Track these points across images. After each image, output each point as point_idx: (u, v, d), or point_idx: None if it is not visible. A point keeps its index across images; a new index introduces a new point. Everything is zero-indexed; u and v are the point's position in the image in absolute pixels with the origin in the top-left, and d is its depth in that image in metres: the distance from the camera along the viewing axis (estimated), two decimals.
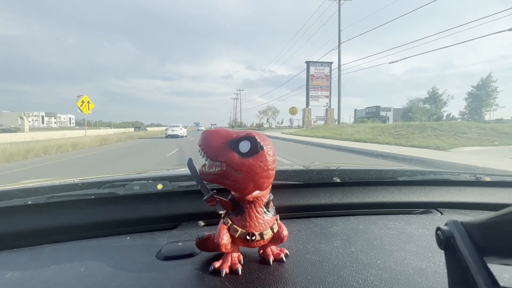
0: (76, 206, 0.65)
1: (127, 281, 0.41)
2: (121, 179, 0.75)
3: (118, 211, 0.66)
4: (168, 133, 23.13)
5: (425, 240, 0.55)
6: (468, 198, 0.82)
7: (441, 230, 0.28)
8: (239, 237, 0.44)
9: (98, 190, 0.66)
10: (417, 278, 0.41)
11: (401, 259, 0.47)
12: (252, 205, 0.44)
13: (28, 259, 0.50)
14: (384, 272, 0.43)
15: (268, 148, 0.41)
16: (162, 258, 0.47)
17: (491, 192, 0.84)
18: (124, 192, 0.67)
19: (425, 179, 0.87)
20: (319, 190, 0.78)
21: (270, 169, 0.41)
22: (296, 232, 0.59)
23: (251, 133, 0.41)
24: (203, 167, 0.43)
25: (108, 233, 0.61)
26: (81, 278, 0.42)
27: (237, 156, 0.40)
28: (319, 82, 35.00)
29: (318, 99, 35.12)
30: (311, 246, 0.52)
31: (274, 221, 0.46)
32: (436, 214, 0.74)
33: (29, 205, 0.60)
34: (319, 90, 35.04)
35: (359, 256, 0.48)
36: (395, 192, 0.81)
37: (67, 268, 0.45)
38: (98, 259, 0.48)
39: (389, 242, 0.54)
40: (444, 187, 0.84)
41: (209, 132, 0.43)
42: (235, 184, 0.41)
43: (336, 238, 0.56)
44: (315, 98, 35.01)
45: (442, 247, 0.28)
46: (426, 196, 0.80)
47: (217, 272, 0.42)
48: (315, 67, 34.97)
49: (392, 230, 0.60)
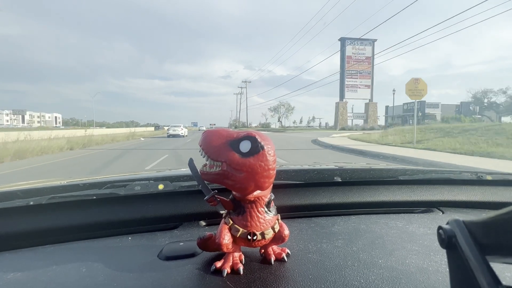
0: (78, 206, 0.65)
1: (128, 281, 0.41)
2: (123, 180, 0.75)
3: (120, 212, 0.66)
4: (169, 133, 24.52)
5: (426, 239, 0.55)
6: (470, 197, 0.81)
7: (443, 229, 0.28)
8: (240, 236, 0.44)
9: (99, 191, 0.66)
10: (418, 277, 0.41)
11: (402, 258, 0.47)
12: (253, 204, 0.44)
13: (30, 259, 0.50)
14: (386, 271, 0.43)
15: (269, 148, 0.41)
16: (164, 258, 0.48)
17: (493, 191, 0.83)
18: (126, 192, 0.67)
19: (427, 178, 0.87)
20: (320, 189, 0.78)
21: (270, 169, 0.41)
22: (297, 231, 0.59)
23: (252, 133, 0.41)
24: (204, 167, 0.43)
25: (109, 234, 0.61)
26: (82, 278, 0.42)
27: (237, 156, 0.40)
28: (358, 67, 24.37)
29: (356, 90, 25.17)
30: (312, 246, 0.52)
31: (275, 220, 0.46)
32: (438, 213, 0.74)
33: (31, 205, 0.60)
34: (358, 77, 24.89)
35: (361, 255, 0.48)
36: (397, 191, 0.81)
37: (69, 269, 0.45)
38: (99, 259, 0.48)
39: (390, 241, 0.54)
40: (446, 186, 0.84)
41: (210, 132, 0.43)
42: (236, 184, 0.41)
43: (337, 237, 0.56)
44: (353, 88, 24.73)
45: (444, 246, 0.28)
46: (428, 195, 0.80)
47: (218, 272, 0.42)
48: (352, 46, 23.82)
49: (393, 229, 0.60)
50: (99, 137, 17.11)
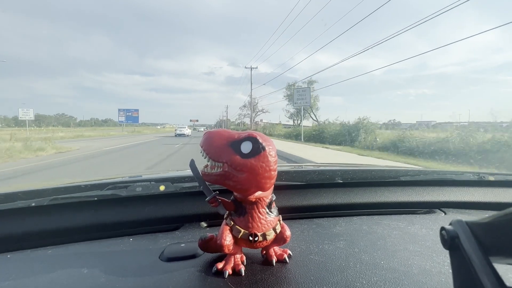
0: (79, 208, 0.65)
1: (130, 282, 0.41)
2: (124, 181, 0.75)
3: (121, 213, 0.66)
4: (177, 133, 31.48)
5: (429, 240, 0.54)
6: (472, 197, 0.81)
7: (445, 230, 0.28)
8: (241, 238, 0.44)
9: (101, 192, 0.67)
10: (421, 278, 0.41)
11: (405, 259, 0.47)
12: (255, 205, 0.44)
13: (31, 260, 0.50)
14: (388, 272, 0.42)
15: (270, 149, 0.41)
16: (165, 259, 0.47)
17: (495, 192, 0.83)
18: (127, 193, 0.67)
19: (428, 179, 0.87)
20: (322, 190, 0.78)
21: (272, 170, 0.41)
22: (299, 232, 0.59)
23: (253, 133, 0.41)
24: (205, 168, 0.43)
25: (111, 235, 0.61)
26: (84, 280, 0.42)
27: (239, 157, 0.40)
28: None
29: None
30: (314, 247, 0.52)
31: (276, 221, 0.46)
32: (440, 214, 0.73)
33: (33, 207, 0.60)
34: None
35: (363, 256, 0.48)
36: (398, 192, 0.80)
37: (70, 270, 0.45)
38: (101, 260, 0.48)
39: (392, 243, 0.53)
40: (448, 187, 0.84)
41: (211, 133, 0.43)
42: (237, 185, 0.41)
43: (339, 238, 0.56)
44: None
45: (446, 247, 0.28)
46: (430, 196, 0.80)
47: (220, 273, 0.42)
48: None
49: (395, 230, 0.60)
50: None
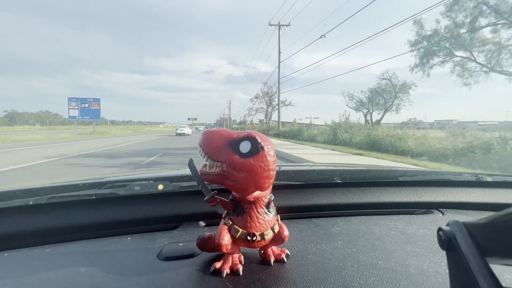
0: (77, 206, 0.65)
1: (127, 281, 0.41)
2: (122, 180, 0.75)
3: (119, 212, 0.66)
4: (178, 132, 32.04)
5: (426, 240, 0.55)
6: (470, 198, 0.81)
7: (442, 230, 0.28)
8: (240, 237, 0.44)
9: (99, 191, 0.66)
10: (418, 278, 0.41)
11: (402, 259, 0.47)
12: (253, 205, 0.44)
13: (29, 259, 0.50)
14: (386, 272, 0.42)
15: (269, 149, 0.41)
16: (163, 258, 0.47)
17: (493, 193, 0.83)
18: (125, 192, 0.67)
19: (426, 179, 0.87)
20: (320, 190, 0.78)
21: (270, 170, 0.41)
22: (297, 232, 0.59)
23: (252, 133, 0.41)
24: (204, 167, 0.43)
25: (109, 234, 0.61)
26: (81, 279, 0.42)
27: (237, 157, 0.40)
28: None
29: None
30: (312, 247, 0.52)
31: (275, 221, 0.46)
32: (438, 215, 0.73)
33: (31, 205, 0.60)
34: None
35: (360, 256, 0.48)
36: (396, 192, 0.81)
37: (68, 269, 0.45)
38: (99, 259, 0.48)
39: (390, 243, 0.54)
40: (445, 187, 0.84)
41: (210, 132, 0.43)
42: (235, 185, 0.41)
43: (337, 238, 0.56)
44: None
45: (443, 248, 0.28)
46: (427, 196, 0.80)
47: (218, 273, 0.42)
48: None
49: (393, 230, 0.60)
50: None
